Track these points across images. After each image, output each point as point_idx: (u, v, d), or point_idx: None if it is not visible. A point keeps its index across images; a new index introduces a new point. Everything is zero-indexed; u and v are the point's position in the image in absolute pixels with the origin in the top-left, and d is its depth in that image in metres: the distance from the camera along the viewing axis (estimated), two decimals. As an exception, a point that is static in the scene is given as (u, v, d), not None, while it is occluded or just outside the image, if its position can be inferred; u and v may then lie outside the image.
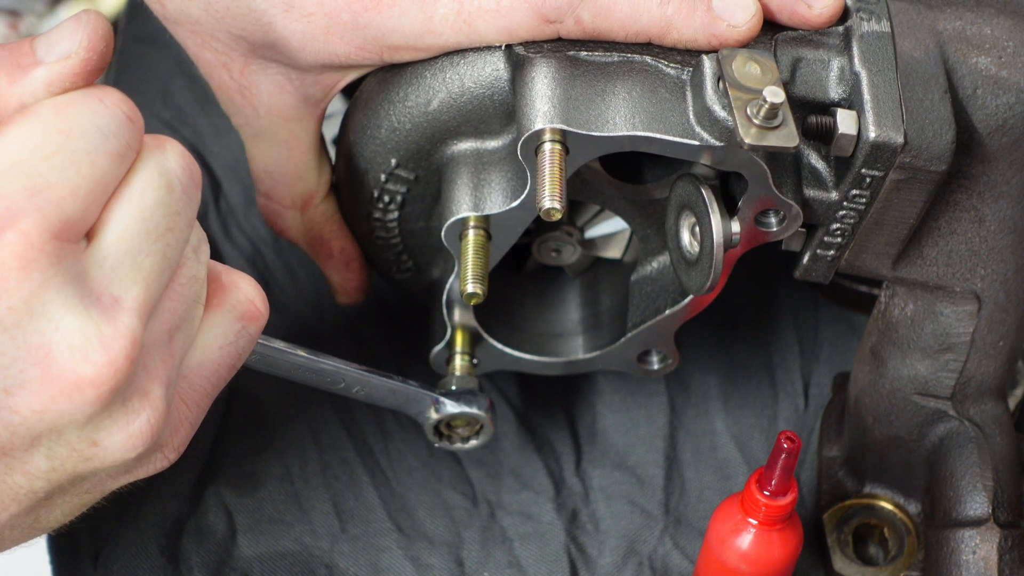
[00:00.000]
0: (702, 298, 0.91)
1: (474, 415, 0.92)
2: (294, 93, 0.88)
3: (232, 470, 1.02)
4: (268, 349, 0.85)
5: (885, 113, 0.79)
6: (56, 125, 0.65)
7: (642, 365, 0.97)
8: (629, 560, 0.99)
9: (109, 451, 0.67)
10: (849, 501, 0.99)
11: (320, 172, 0.94)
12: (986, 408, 0.93)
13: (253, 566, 0.97)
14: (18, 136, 0.64)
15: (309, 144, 0.92)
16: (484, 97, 0.84)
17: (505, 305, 0.99)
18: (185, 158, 0.70)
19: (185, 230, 0.69)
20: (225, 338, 0.73)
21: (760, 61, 0.78)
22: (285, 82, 0.87)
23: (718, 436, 1.06)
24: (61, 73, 0.67)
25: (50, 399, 0.64)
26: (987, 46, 0.83)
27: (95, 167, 0.65)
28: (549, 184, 0.78)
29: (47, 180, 0.63)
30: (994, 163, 0.84)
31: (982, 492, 0.89)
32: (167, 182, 0.68)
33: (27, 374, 0.63)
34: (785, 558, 0.89)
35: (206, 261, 0.72)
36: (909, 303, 0.90)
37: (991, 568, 0.88)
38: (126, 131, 0.67)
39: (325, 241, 0.97)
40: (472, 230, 0.85)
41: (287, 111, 0.89)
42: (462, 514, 1.01)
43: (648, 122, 0.79)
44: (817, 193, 0.83)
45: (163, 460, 0.72)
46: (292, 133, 0.90)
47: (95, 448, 0.66)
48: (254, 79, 0.87)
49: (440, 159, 0.88)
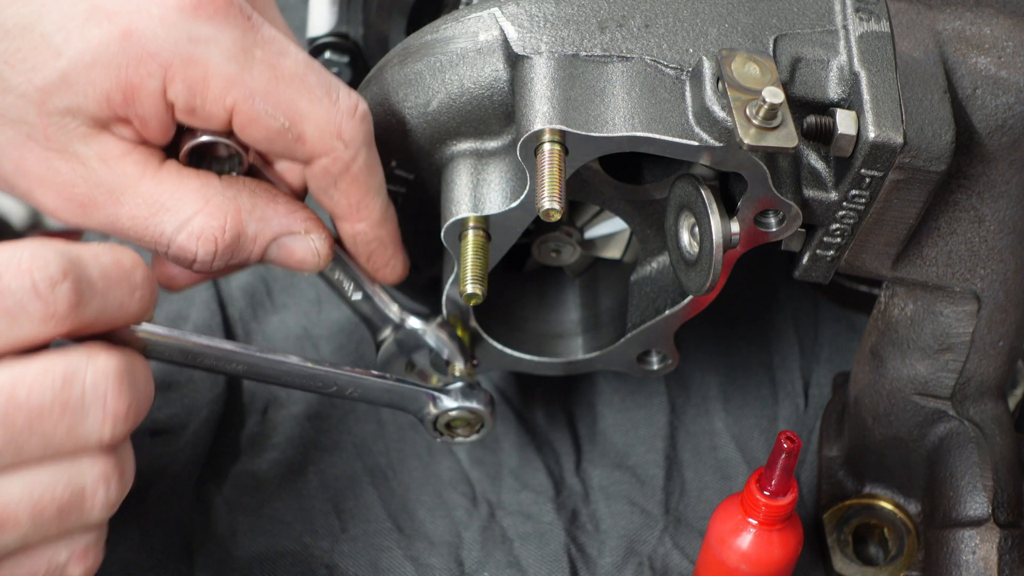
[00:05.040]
0: (702, 298, 0.91)
1: (473, 409, 0.92)
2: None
3: (232, 470, 1.02)
4: (257, 359, 0.85)
5: (884, 113, 0.79)
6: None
7: (642, 365, 0.97)
8: (629, 560, 0.99)
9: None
10: (849, 501, 0.99)
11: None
12: (986, 408, 0.93)
13: (253, 566, 0.97)
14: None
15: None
16: (483, 98, 0.84)
17: (505, 305, 0.99)
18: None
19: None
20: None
21: (759, 61, 0.78)
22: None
23: (718, 436, 1.06)
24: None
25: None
26: (987, 46, 0.83)
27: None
28: (548, 184, 0.78)
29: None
30: (994, 163, 0.84)
31: (982, 492, 0.89)
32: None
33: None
34: (785, 558, 0.89)
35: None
36: (909, 303, 0.90)
37: (991, 568, 0.88)
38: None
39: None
40: (472, 231, 0.85)
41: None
42: (462, 514, 1.01)
43: (647, 122, 0.79)
44: (817, 193, 0.83)
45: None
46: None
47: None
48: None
49: (439, 159, 0.88)
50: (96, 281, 0.71)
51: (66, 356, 0.71)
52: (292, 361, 0.86)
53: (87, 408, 0.71)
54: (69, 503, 0.72)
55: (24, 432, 0.69)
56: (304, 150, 0.83)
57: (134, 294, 0.74)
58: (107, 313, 0.73)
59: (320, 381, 0.87)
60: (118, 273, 0.73)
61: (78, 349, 0.71)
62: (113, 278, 0.73)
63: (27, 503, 0.71)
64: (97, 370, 0.71)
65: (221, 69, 0.79)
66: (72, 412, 0.70)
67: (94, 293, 0.71)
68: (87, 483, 0.72)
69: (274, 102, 0.80)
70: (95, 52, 0.78)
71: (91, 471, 0.72)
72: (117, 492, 0.74)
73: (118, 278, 0.73)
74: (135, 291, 0.74)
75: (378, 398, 0.91)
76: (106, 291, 0.72)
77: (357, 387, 0.89)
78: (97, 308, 0.72)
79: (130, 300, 0.74)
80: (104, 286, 0.72)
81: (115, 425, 0.72)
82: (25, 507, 0.71)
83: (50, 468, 0.71)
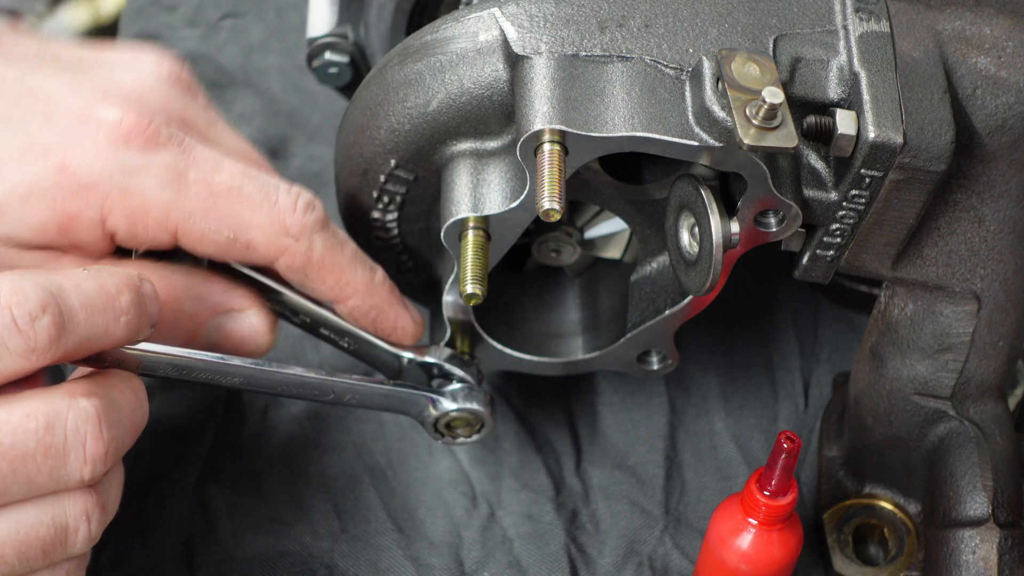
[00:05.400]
0: (702, 298, 0.91)
1: (472, 410, 0.92)
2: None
3: (232, 470, 1.02)
4: (252, 371, 0.85)
5: (884, 113, 0.79)
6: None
7: (642, 365, 0.97)
8: (629, 560, 0.99)
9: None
10: (849, 501, 0.99)
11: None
12: (986, 408, 0.93)
13: (253, 566, 0.97)
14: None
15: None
16: (483, 98, 0.84)
17: (505, 305, 0.99)
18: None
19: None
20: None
21: (759, 61, 0.77)
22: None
23: (718, 436, 1.06)
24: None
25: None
26: (986, 46, 0.83)
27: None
28: (548, 185, 0.78)
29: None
30: (994, 163, 0.84)
31: (982, 492, 0.89)
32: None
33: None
34: (785, 558, 0.89)
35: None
36: (909, 303, 0.90)
37: (991, 568, 0.88)
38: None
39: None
40: (471, 231, 0.85)
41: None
42: (462, 514, 1.01)
43: (647, 123, 0.79)
44: (816, 193, 0.83)
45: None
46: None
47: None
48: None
49: (439, 160, 0.88)
50: (78, 311, 0.72)
51: (48, 400, 0.72)
52: (288, 371, 0.86)
53: (68, 452, 0.72)
54: (53, 540, 0.73)
55: (8, 477, 0.71)
56: (258, 255, 0.86)
57: (119, 320, 0.75)
58: (91, 341, 0.74)
59: (317, 389, 0.88)
60: (102, 300, 0.74)
61: (60, 391, 0.73)
62: (97, 306, 0.73)
63: (13, 542, 0.72)
64: (78, 414, 0.72)
65: (157, 196, 0.82)
66: (54, 456, 0.72)
67: (76, 323, 0.72)
68: (69, 520, 0.74)
69: (215, 218, 0.83)
70: (30, 184, 0.81)
71: (73, 508, 0.74)
72: (99, 525, 0.76)
73: (102, 305, 0.74)
74: (120, 316, 0.75)
75: (376, 403, 0.91)
76: (89, 319, 0.73)
77: (355, 394, 0.89)
78: (80, 337, 0.73)
79: (115, 326, 0.75)
80: (87, 315, 0.73)
81: (95, 467, 0.73)
82: (11, 546, 0.72)
83: (34, 508, 0.73)
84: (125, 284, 0.75)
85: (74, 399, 0.73)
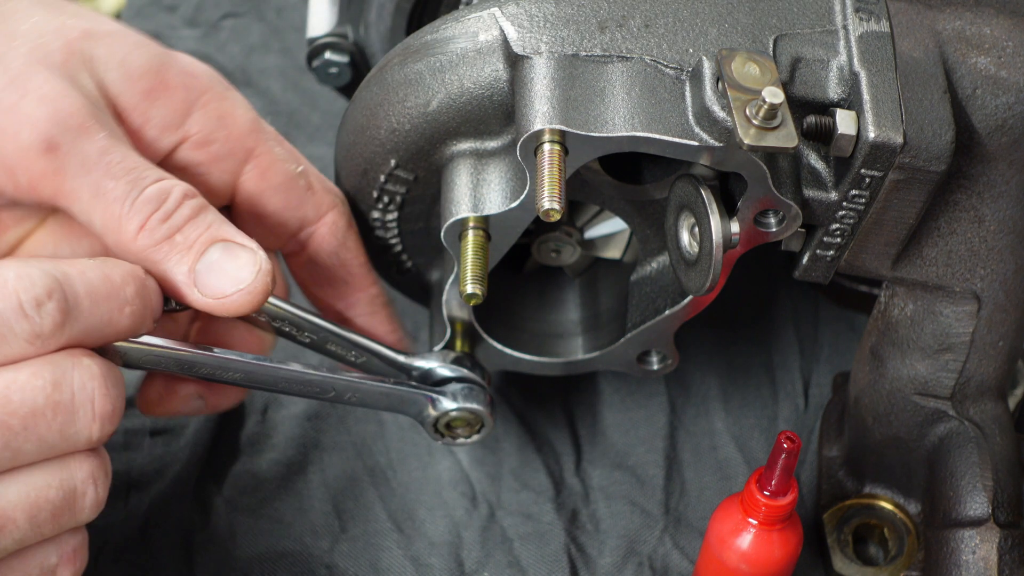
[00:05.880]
0: (702, 298, 0.91)
1: (472, 410, 0.92)
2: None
3: (232, 470, 1.02)
4: (253, 367, 0.85)
5: (884, 113, 0.79)
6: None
7: (642, 365, 0.97)
8: (629, 560, 0.99)
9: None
10: (849, 501, 0.99)
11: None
12: (986, 408, 0.93)
13: (253, 566, 0.97)
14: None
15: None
16: (483, 98, 0.84)
17: (505, 305, 0.99)
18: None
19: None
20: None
21: (759, 61, 0.77)
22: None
23: (718, 436, 1.06)
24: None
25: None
26: (986, 46, 0.83)
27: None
28: (548, 185, 0.78)
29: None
30: (993, 163, 0.84)
31: (982, 492, 0.89)
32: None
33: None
34: (785, 558, 0.89)
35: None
36: (909, 303, 0.90)
37: (991, 568, 0.88)
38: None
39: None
40: (471, 231, 0.85)
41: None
42: (462, 514, 1.01)
43: (647, 123, 0.79)
44: (816, 193, 0.83)
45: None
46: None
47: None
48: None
49: (439, 160, 0.88)
50: (83, 298, 0.72)
51: (52, 359, 0.72)
52: (289, 368, 0.86)
53: (77, 409, 0.72)
54: (63, 503, 0.73)
55: (20, 435, 0.70)
56: (315, 200, 0.87)
57: (123, 310, 0.75)
58: (96, 329, 0.74)
59: (317, 387, 0.87)
60: (107, 289, 0.74)
61: (62, 354, 0.72)
62: (101, 294, 0.73)
63: (24, 505, 0.72)
64: (83, 372, 0.72)
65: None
66: (64, 413, 0.72)
67: (81, 311, 0.72)
68: (77, 483, 0.74)
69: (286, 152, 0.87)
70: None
71: (80, 471, 0.74)
72: (103, 491, 0.75)
73: (107, 294, 0.74)
74: (124, 307, 0.75)
75: (376, 402, 0.91)
76: (93, 308, 0.73)
77: (355, 392, 0.89)
78: (84, 325, 0.73)
79: (120, 316, 0.75)
80: (91, 303, 0.73)
81: (103, 425, 0.73)
82: (23, 509, 0.72)
83: (43, 470, 0.72)
84: (130, 275, 0.75)
85: (77, 358, 0.72)
